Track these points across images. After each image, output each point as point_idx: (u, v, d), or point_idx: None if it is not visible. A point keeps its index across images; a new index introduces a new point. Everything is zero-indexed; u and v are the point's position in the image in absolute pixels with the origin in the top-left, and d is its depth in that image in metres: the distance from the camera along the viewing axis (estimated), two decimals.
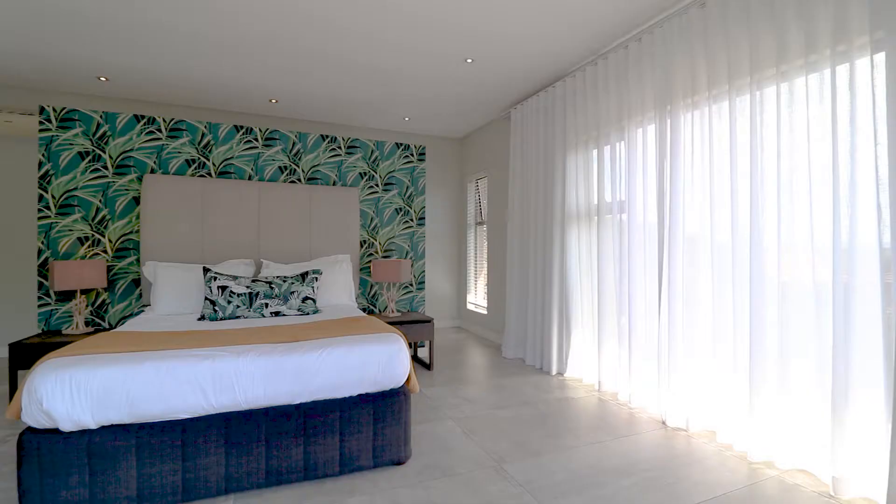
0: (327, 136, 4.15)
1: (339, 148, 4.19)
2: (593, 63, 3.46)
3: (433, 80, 4.05)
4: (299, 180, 4.05)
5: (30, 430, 1.68)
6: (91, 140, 3.44)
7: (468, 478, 2.08)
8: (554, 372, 3.78)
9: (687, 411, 2.65)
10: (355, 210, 4.09)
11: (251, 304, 3.00)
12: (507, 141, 4.96)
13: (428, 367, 3.95)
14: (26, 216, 4.35)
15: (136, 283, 3.53)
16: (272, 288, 3.10)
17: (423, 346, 4.47)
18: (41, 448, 1.65)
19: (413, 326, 3.77)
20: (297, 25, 3.08)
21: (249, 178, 3.89)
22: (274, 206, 3.81)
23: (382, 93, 4.37)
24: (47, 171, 3.34)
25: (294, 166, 4.03)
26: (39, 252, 3.32)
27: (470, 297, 5.89)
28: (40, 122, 3.34)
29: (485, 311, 5.46)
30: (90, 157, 3.44)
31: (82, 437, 1.69)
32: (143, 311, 3.46)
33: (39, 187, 3.33)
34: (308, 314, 3.11)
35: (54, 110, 3.37)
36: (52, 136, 3.35)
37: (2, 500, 1.87)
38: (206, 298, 2.95)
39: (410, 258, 4.40)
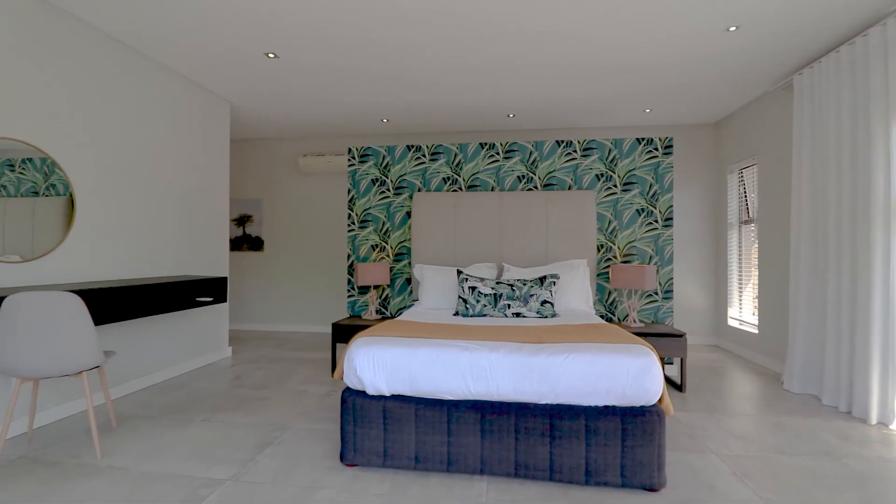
0: (562, 142, 4.16)
1: (575, 151, 4.15)
2: None
3: (682, 62, 3.59)
4: (536, 187, 4.19)
5: (347, 389, 2.24)
6: (379, 169, 4.39)
7: None
8: (873, 421, 2.78)
9: None
10: (591, 213, 3.97)
11: (496, 304, 3.25)
12: (787, 117, 3.96)
13: (679, 388, 3.48)
14: (340, 230, 5.87)
15: (408, 281, 4.31)
16: (513, 290, 3.29)
17: (671, 364, 3.97)
18: (355, 404, 2.17)
19: (660, 340, 3.39)
20: (529, 41, 3.21)
21: (492, 189, 4.25)
22: (513, 213, 4.05)
23: (621, 88, 4.13)
24: (353, 196, 4.43)
25: (531, 174, 4.20)
26: (348, 256, 4.42)
27: (732, 312, 4.93)
28: (348, 160, 4.46)
29: (754, 330, 4.47)
30: (378, 182, 4.39)
31: (379, 400, 2.14)
32: (413, 304, 4.18)
33: (348, 208, 4.44)
34: (546, 317, 3.17)
35: (357, 149, 4.44)
36: (355, 168, 4.43)
37: (330, 438, 2.55)
38: (460, 297, 3.36)
39: (655, 264, 3.99)
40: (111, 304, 2.64)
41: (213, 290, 3.55)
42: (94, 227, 3.10)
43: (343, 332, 3.81)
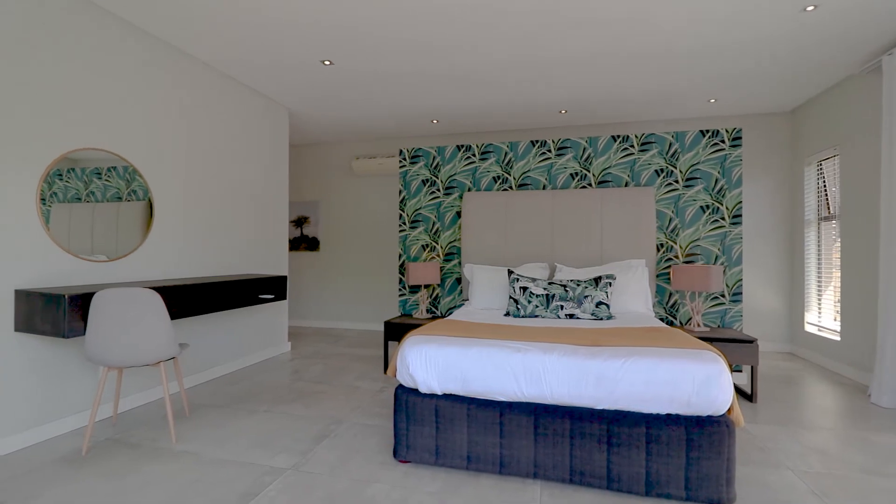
0: (618, 137, 4.00)
1: (632, 147, 3.97)
2: None
3: (753, 46, 3.34)
4: (590, 185, 4.06)
5: (400, 387, 2.27)
6: (429, 170, 4.43)
7: None
8: None
9: None
10: (650, 211, 3.78)
11: (548, 305, 3.18)
12: (874, 102, 3.58)
13: (749, 397, 3.24)
14: (392, 230, 5.99)
15: (458, 280, 4.31)
16: (567, 291, 3.20)
17: (740, 371, 3.71)
18: (408, 401, 2.20)
19: (728, 345, 3.17)
20: (583, 30, 3.10)
21: (544, 188, 4.16)
22: (566, 212, 3.94)
23: (683, 77, 3.91)
24: (403, 197, 4.50)
25: (585, 171, 4.07)
26: (399, 256, 4.50)
27: (810, 317, 4.53)
28: (399, 161, 4.53)
29: (836, 337, 4.08)
30: (428, 183, 4.43)
31: (432, 399, 2.16)
32: (463, 304, 4.19)
33: (399, 209, 4.52)
34: (602, 319, 3.06)
35: (407, 151, 4.51)
36: (406, 170, 4.50)
37: (383, 433, 2.60)
38: (511, 297, 3.32)
39: (722, 264, 3.74)
40: (185, 300, 2.84)
41: (274, 288, 3.73)
42: (170, 229, 3.36)
43: (395, 331, 3.87)
